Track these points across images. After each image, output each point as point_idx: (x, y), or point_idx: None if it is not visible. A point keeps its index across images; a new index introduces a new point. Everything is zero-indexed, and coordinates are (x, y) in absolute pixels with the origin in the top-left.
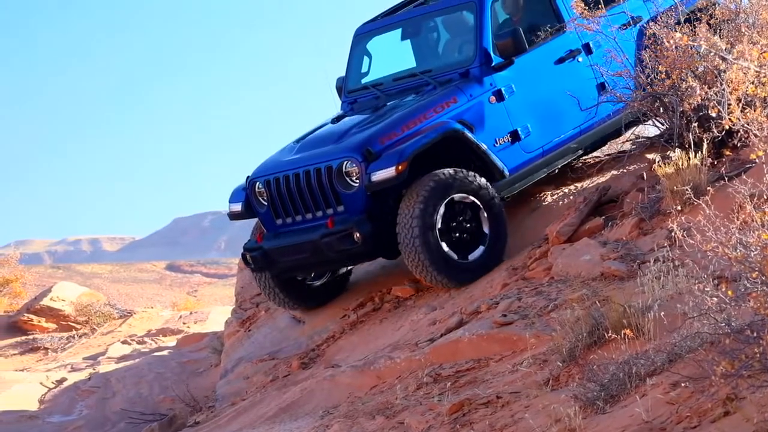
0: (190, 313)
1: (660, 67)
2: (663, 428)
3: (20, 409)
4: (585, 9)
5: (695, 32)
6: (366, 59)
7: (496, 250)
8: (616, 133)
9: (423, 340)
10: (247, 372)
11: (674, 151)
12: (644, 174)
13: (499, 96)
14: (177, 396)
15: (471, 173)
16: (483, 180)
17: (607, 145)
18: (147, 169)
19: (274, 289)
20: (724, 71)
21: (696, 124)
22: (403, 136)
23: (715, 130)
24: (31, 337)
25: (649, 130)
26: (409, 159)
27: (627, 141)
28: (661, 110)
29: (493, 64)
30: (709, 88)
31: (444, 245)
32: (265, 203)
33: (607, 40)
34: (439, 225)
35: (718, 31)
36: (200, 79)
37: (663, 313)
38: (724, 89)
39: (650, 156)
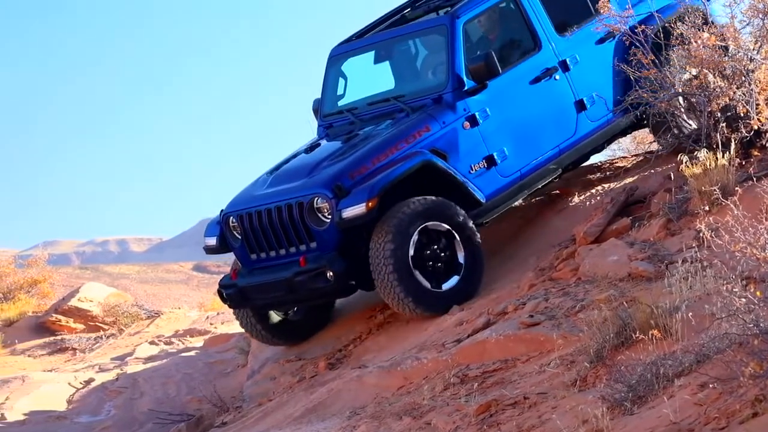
0: (217, 313)
1: (688, 67)
2: (691, 429)
3: (49, 410)
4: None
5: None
6: (341, 81)
7: (472, 280)
8: (598, 149)
9: (450, 340)
10: (274, 372)
11: (702, 152)
12: (672, 174)
13: (473, 121)
14: (204, 396)
15: (445, 201)
16: (458, 208)
17: (594, 157)
18: (174, 170)
19: (255, 324)
20: (752, 71)
21: (724, 125)
22: (374, 169)
23: (743, 130)
24: (59, 337)
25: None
26: (379, 194)
27: (654, 141)
28: (689, 110)
29: (466, 89)
30: (738, 88)
31: (418, 275)
32: (240, 238)
33: (585, 56)
34: (411, 254)
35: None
36: (228, 78)
37: (691, 313)
38: (752, 89)
39: (678, 156)
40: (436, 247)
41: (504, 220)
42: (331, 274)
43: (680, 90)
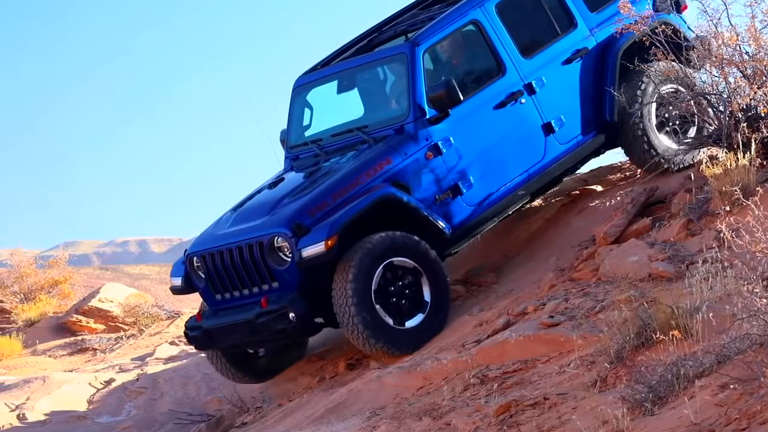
0: None
1: (709, 67)
2: (711, 430)
3: (69, 410)
4: (629, 7)
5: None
6: (307, 111)
7: (437, 317)
8: (571, 171)
9: (470, 341)
10: (293, 373)
11: (723, 152)
12: (692, 175)
13: (437, 150)
14: (224, 397)
15: (409, 236)
16: (422, 243)
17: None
18: (194, 170)
19: (225, 364)
20: None
21: (745, 124)
22: (334, 206)
23: (764, 130)
24: (79, 337)
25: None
26: (338, 232)
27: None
28: (710, 111)
29: (428, 118)
30: (759, 88)
31: (381, 313)
32: (204, 278)
33: (551, 77)
34: (374, 291)
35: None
36: (248, 77)
37: (711, 314)
38: None
39: (698, 156)
40: (400, 283)
41: (524, 221)
42: (293, 314)
43: (701, 90)
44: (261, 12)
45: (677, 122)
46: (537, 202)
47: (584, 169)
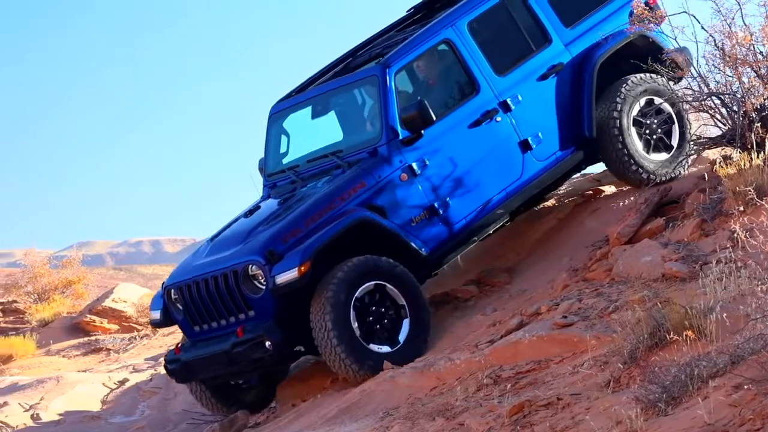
0: None
1: (723, 67)
2: (725, 431)
3: (83, 410)
4: (647, 11)
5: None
6: (284, 138)
7: (417, 340)
8: (551, 188)
9: (483, 341)
10: (307, 373)
11: (736, 152)
12: (706, 175)
13: (411, 172)
14: None
15: (385, 260)
16: (400, 266)
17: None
18: (207, 170)
19: (209, 398)
20: None
21: (759, 124)
22: (308, 231)
23: None
24: (93, 338)
25: (710, 130)
26: (311, 258)
27: (689, 142)
28: (723, 110)
29: (401, 139)
30: None
31: (360, 338)
32: (182, 310)
33: (527, 94)
34: (353, 317)
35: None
36: (259, 79)
37: (725, 314)
38: None
39: (712, 157)
40: (378, 307)
41: (537, 221)
42: (270, 343)
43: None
44: (270, 14)
45: (659, 132)
46: (550, 202)
47: (597, 169)
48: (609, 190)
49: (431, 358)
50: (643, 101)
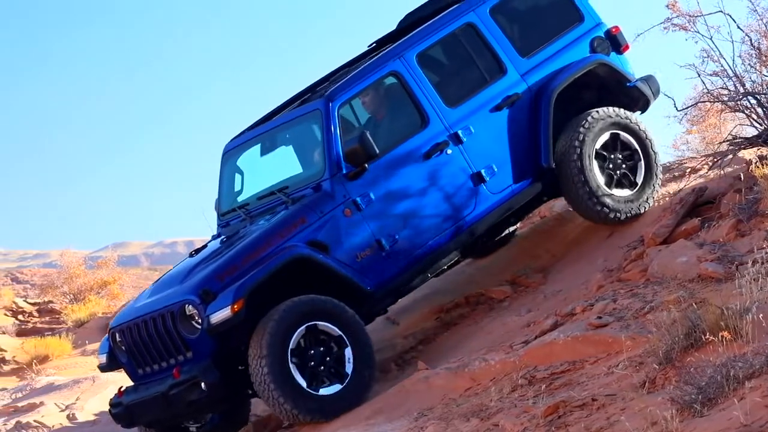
0: None
1: (759, 67)
2: None
3: None
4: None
5: None
6: (238, 176)
7: (360, 381)
8: (509, 221)
9: (518, 342)
10: None
11: None
12: (741, 175)
13: (355, 207)
14: None
15: (327, 298)
16: (341, 304)
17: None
18: None
19: None
20: None
21: None
22: (245, 269)
23: None
24: None
25: (746, 130)
26: (245, 296)
27: (724, 142)
28: (759, 110)
29: (345, 174)
30: None
31: (299, 380)
32: (126, 352)
33: (480, 125)
34: (292, 357)
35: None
36: (289, 76)
37: (761, 315)
38: None
39: (748, 157)
40: (320, 348)
41: (572, 221)
42: (205, 384)
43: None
44: (286, 21)
45: (623, 168)
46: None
47: None
48: None
49: (466, 359)
50: (607, 135)
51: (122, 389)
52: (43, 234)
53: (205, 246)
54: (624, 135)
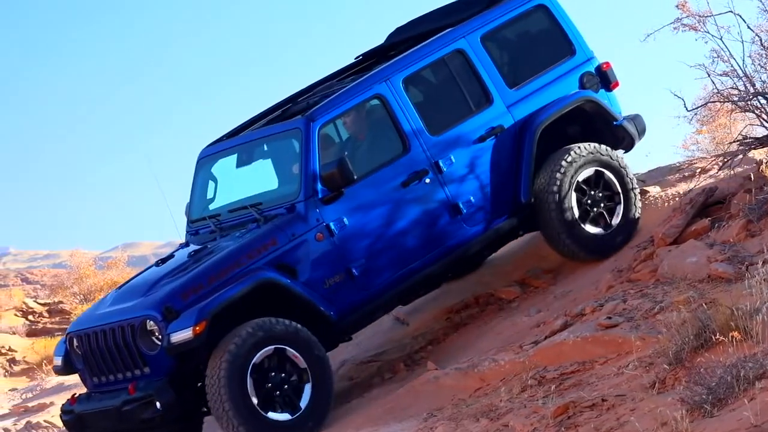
0: None
1: None
2: None
3: None
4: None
5: None
6: (211, 184)
7: (318, 410)
8: (483, 255)
9: (527, 342)
10: (351, 374)
11: None
12: (752, 175)
13: (328, 232)
14: None
15: (289, 323)
16: (304, 330)
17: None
18: None
19: None
20: None
21: None
22: (210, 289)
23: None
24: None
25: (757, 130)
26: (208, 318)
27: (734, 142)
28: None
29: (320, 197)
30: None
31: (256, 406)
32: (81, 359)
33: (461, 156)
34: (250, 386)
35: None
36: (299, 72)
37: None
38: None
39: (758, 157)
40: (279, 373)
41: None
42: (160, 403)
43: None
44: (297, 18)
45: (600, 207)
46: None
47: (642, 169)
48: (654, 190)
49: (475, 359)
50: (587, 171)
51: (75, 396)
52: (53, 234)
53: (171, 255)
54: (606, 173)
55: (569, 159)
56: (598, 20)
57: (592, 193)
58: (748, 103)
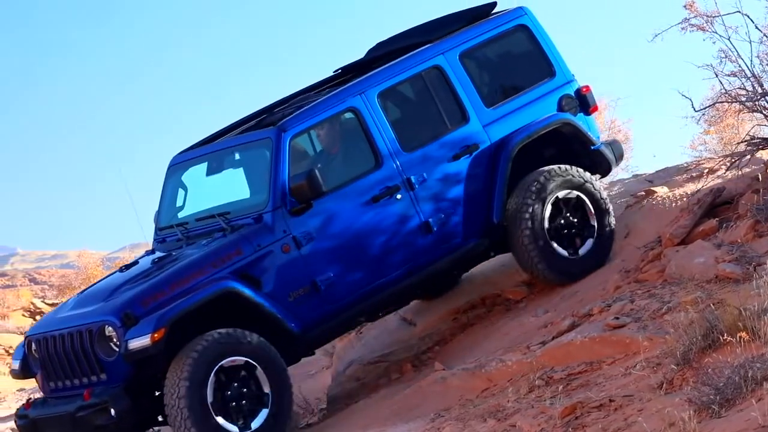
0: None
1: None
2: None
3: None
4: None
5: None
6: (181, 192)
7: (277, 422)
8: (450, 275)
9: (535, 342)
10: (358, 374)
11: None
12: (759, 175)
13: (295, 244)
14: None
15: (252, 336)
16: (265, 343)
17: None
18: None
19: None
20: None
21: None
22: (171, 296)
23: None
24: None
25: (764, 131)
26: (167, 325)
27: (742, 142)
28: None
29: (288, 209)
30: None
31: (218, 419)
32: (39, 364)
33: (435, 174)
34: (210, 393)
35: None
36: (302, 73)
37: None
38: None
39: (766, 157)
40: (238, 384)
41: None
42: (114, 411)
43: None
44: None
45: (574, 230)
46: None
47: (650, 169)
48: (661, 191)
49: (483, 360)
50: (561, 194)
51: (30, 401)
52: (60, 235)
53: (136, 262)
54: (581, 196)
55: (542, 181)
56: (606, 20)
57: (566, 216)
58: (756, 103)
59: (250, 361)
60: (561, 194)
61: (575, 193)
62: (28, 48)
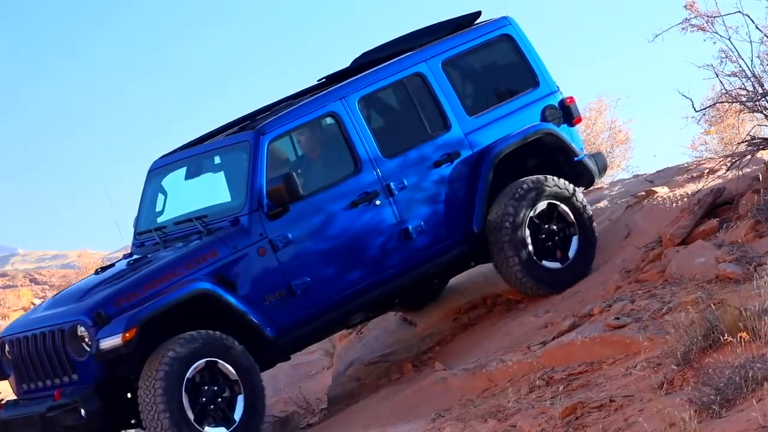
0: None
1: None
2: None
3: None
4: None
5: None
6: (160, 197)
7: (252, 420)
8: (429, 282)
9: (535, 342)
10: (359, 374)
11: None
12: (760, 175)
13: (272, 247)
14: (290, 398)
15: (221, 336)
16: (238, 346)
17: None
18: None
19: None
20: None
21: None
22: (144, 297)
23: None
24: None
25: (765, 131)
26: (138, 325)
27: (743, 142)
28: None
29: (265, 212)
30: None
31: (191, 419)
32: (12, 365)
33: (416, 180)
34: (185, 399)
35: None
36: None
37: None
38: None
39: (766, 157)
40: (211, 386)
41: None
42: (84, 411)
43: None
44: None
45: (555, 239)
46: (602, 203)
47: (650, 169)
48: (662, 191)
49: (483, 360)
50: (541, 205)
51: (3, 402)
52: (61, 235)
53: (112, 265)
54: (561, 206)
55: (522, 191)
56: (606, 20)
57: (546, 226)
58: (757, 103)
59: (210, 359)
60: (541, 205)
61: (555, 202)
62: (28, 48)
